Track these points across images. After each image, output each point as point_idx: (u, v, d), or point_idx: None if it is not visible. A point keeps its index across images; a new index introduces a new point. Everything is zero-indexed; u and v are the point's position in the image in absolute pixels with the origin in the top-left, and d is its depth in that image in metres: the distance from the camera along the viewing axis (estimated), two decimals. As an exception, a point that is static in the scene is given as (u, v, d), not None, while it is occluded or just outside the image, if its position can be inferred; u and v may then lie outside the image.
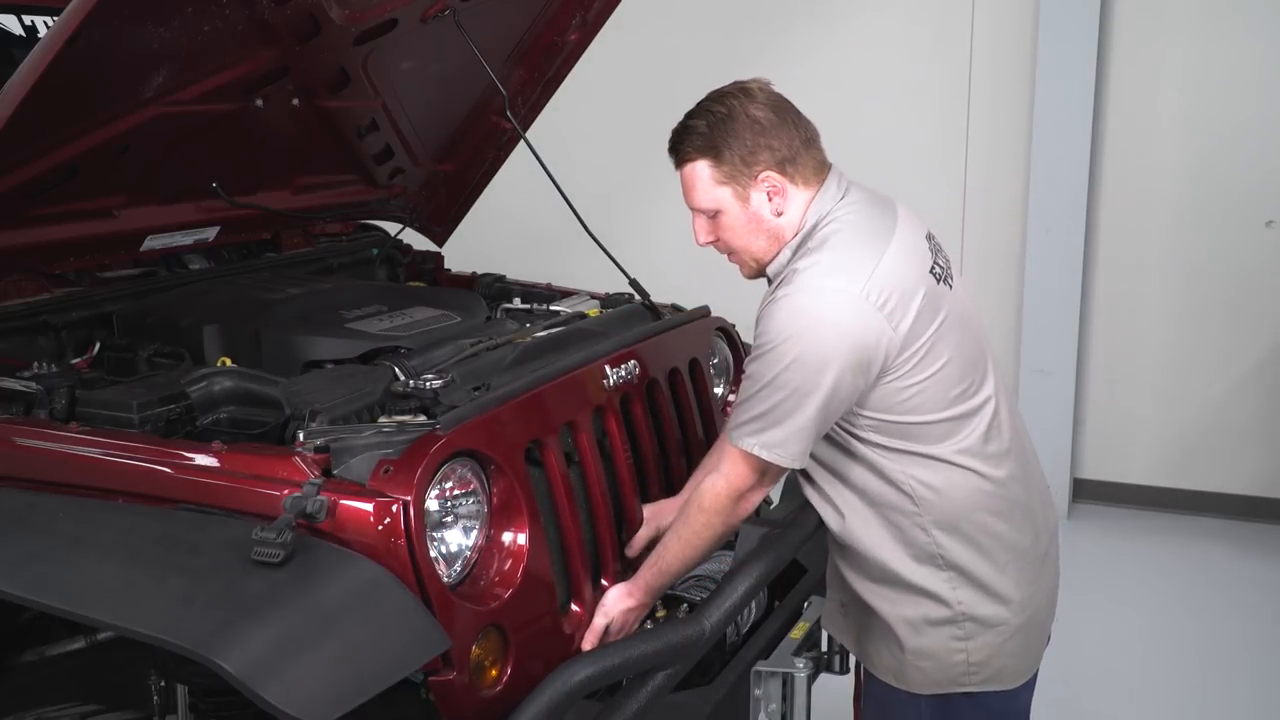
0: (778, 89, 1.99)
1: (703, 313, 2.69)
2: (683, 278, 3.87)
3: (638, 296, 2.74)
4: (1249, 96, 4.67)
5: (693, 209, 1.99)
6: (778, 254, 1.95)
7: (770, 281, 1.99)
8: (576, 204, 2.76)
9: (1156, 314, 4.98)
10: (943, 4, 5.04)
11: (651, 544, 2.13)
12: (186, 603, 1.54)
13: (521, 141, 2.94)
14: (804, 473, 2.01)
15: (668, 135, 2.01)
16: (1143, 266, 4.96)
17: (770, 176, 1.91)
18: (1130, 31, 4.78)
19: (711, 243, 2.02)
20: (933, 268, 1.95)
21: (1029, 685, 2.08)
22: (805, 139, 1.94)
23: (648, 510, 2.26)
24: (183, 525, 1.70)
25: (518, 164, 3.07)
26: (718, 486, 1.94)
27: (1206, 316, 4.90)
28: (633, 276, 2.72)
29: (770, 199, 1.92)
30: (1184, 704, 3.57)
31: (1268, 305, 4.79)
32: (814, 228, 1.91)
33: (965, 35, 5.02)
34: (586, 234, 2.75)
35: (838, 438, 1.94)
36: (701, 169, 1.93)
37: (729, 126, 1.90)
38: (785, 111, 1.93)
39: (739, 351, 2.82)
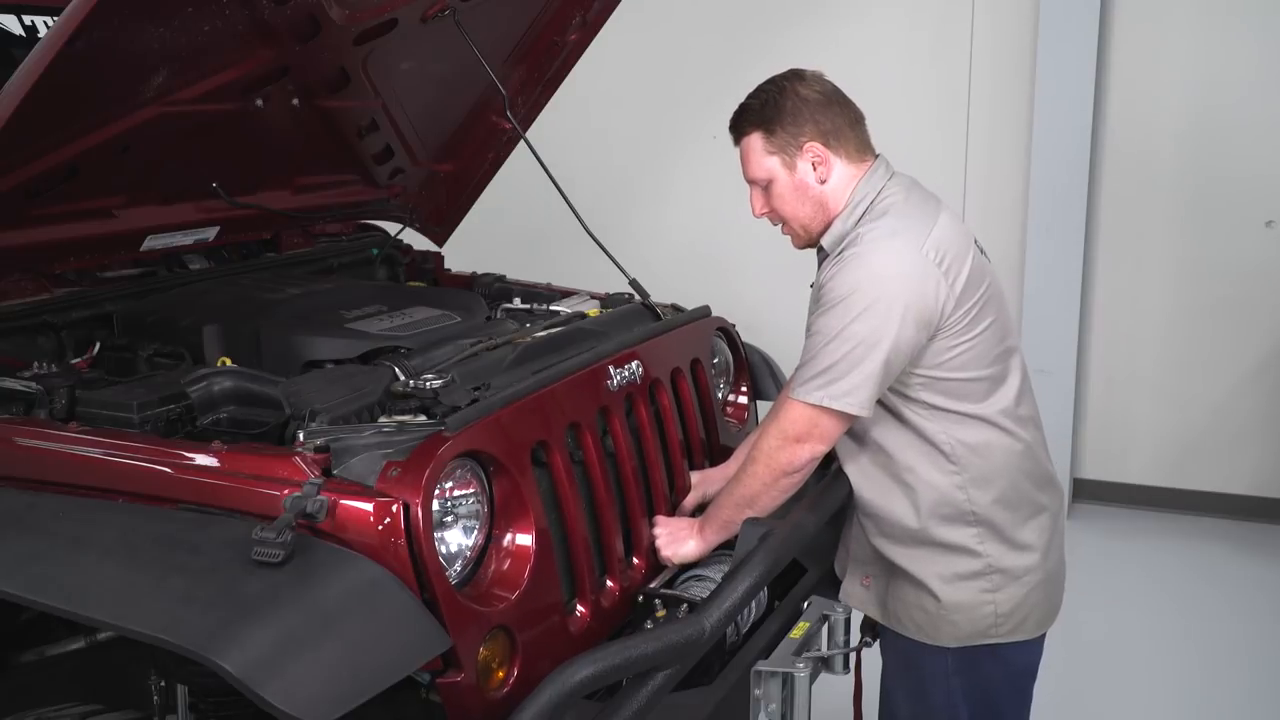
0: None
1: (703, 313, 2.69)
2: (683, 278, 3.86)
3: (638, 296, 2.74)
4: (1249, 96, 4.67)
5: (748, 181, 2.21)
6: (829, 225, 2.15)
7: (819, 256, 2.20)
8: (576, 204, 2.76)
9: (1156, 314, 4.98)
10: (943, 5, 5.05)
11: (699, 510, 2.32)
12: (186, 603, 1.54)
13: (521, 141, 2.94)
14: (843, 442, 2.16)
15: (667, 135, 2.10)
16: (1143, 266, 4.96)
17: (814, 147, 2.12)
18: (1130, 31, 4.78)
19: (766, 214, 2.23)
20: (975, 241, 2.19)
21: (1041, 641, 2.23)
22: (851, 120, 2.16)
23: (695, 477, 2.41)
24: (183, 525, 1.70)
25: (518, 164, 3.07)
26: (768, 432, 2.09)
27: (1206, 316, 4.90)
28: (633, 276, 2.73)
29: (815, 168, 2.13)
30: (1184, 704, 3.57)
31: (1268, 305, 4.79)
32: (873, 201, 2.12)
33: (965, 35, 5.03)
34: (586, 234, 2.75)
35: (886, 402, 2.09)
36: (755, 141, 2.16)
37: (779, 102, 2.13)
38: (832, 94, 2.16)
39: (739, 352, 2.82)
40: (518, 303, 2.92)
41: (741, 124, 2.18)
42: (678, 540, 2.20)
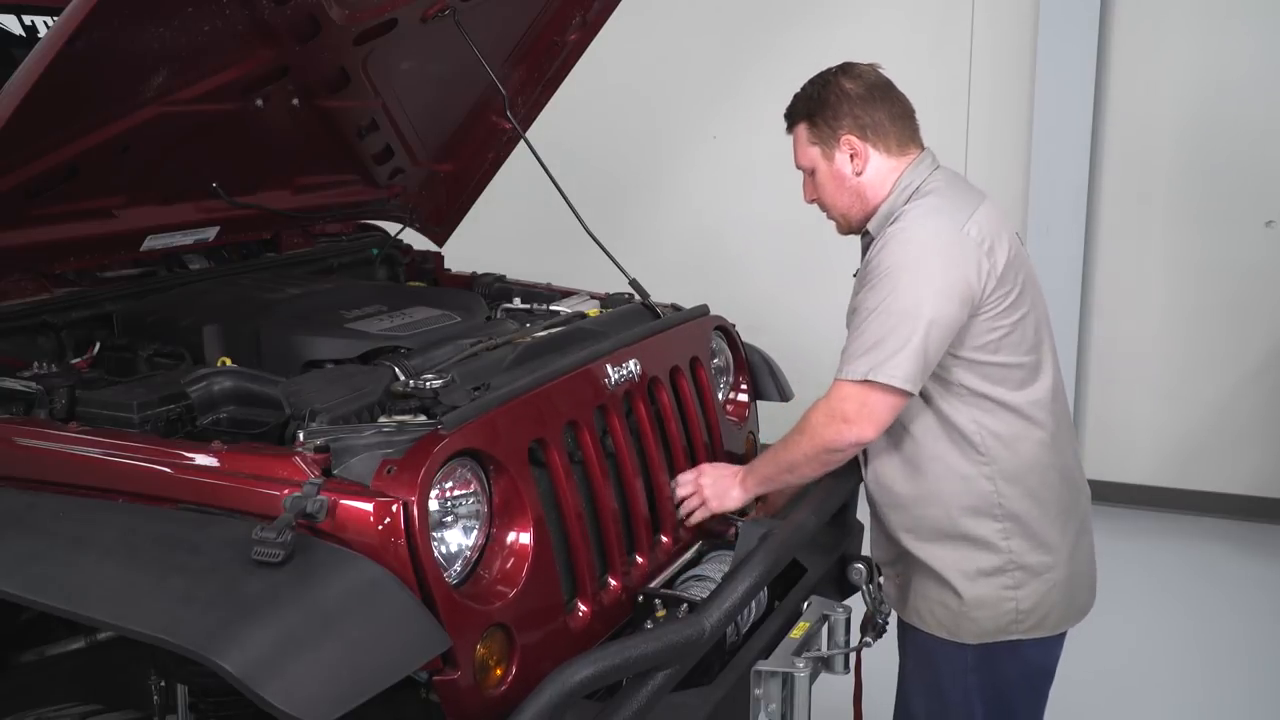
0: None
1: (701, 311, 2.68)
2: (683, 278, 3.86)
3: (638, 296, 2.74)
4: (1249, 96, 4.67)
5: (798, 168, 2.28)
6: (869, 214, 2.21)
7: (864, 242, 2.25)
8: (576, 204, 2.76)
9: (1156, 314, 4.98)
10: (943, 5, 5.05)
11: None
12: (186, 603, 1.54)
13: (521, 141, 2.94)
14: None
15: (667, 135, 2.10)
16: (1143, 266, 4.96)
17: (851, 140, 2.18)
18: (1130, 31, 4.79)
19: (814, 200, 2.29)
20: (1016, 232, 2.23)
21: (1061, 640, 2.25)
22: (894, 114, 2.20)
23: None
24: (183, 525, 1.70)
25: (518, 164, 3.07)
26: (818, 407, 2.12)
27: (1206, 316, 4.90)
28: (633, 276, 2.73)
29: (852, 160, 2.19)
30: (1184, 704, 3.57)
31: (1268, 305, 4.79)
32: (919, 186, 2.16)
33: (965, 36, 5.03)
34: (586, 234, 2.75)
35: (922, 389, 2.08)
36: (801, 131, 2.24)
37: (823, 95, 2.20)
38: (878, 89, 2.21)
39: (739, 350, 2.82)
40: (518, 303, 2.92)
41: (792, 113, 2.26)
42: (721, 489, 2.26)
